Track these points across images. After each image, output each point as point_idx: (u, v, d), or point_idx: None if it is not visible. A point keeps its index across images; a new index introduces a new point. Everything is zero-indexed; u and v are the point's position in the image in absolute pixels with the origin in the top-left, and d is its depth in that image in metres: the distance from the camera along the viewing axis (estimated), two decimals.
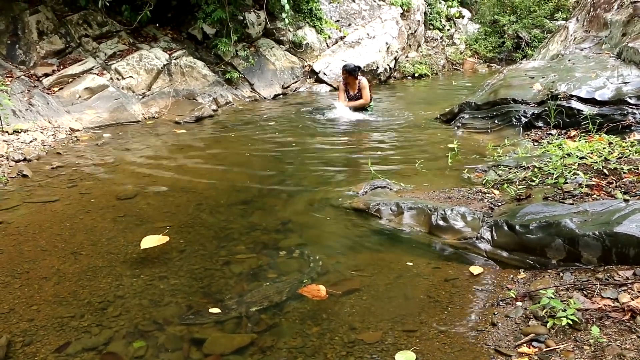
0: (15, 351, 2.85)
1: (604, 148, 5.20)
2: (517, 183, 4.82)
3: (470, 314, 3.14)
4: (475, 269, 3.67)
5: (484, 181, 5.15)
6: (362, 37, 14.00)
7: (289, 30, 12.83)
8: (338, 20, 14.35)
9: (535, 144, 6.43)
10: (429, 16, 17.93)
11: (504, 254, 3.81)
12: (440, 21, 18.32)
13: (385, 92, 12.89)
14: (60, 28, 9.56)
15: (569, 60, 8.17)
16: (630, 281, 3.09)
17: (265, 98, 11.59)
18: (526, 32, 17.20)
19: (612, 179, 4.37)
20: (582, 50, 8.84)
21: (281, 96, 11.92)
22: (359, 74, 9.28)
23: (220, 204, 5.10)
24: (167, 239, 4.05)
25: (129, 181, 5.80)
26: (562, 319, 2.81)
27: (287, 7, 10.57)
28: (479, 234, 3.99)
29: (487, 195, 4.74)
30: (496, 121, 7.43)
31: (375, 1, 15.33)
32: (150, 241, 4.02)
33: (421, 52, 16.65)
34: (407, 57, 15.78)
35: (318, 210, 4.88)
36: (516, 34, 17.41)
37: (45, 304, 3.33)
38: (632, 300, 2.90)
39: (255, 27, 12.14)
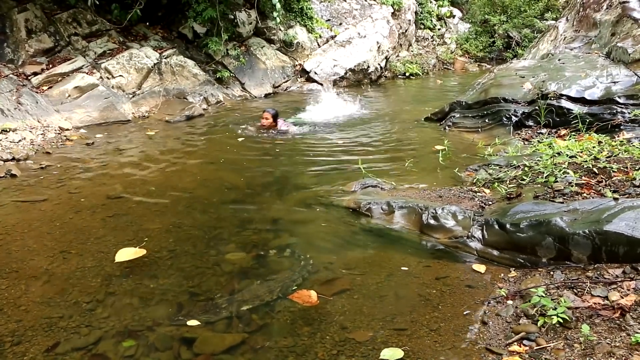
0: (4, 351, 2.82)
1: (593, 147, 5.23)
2: (508, 182, 4.84)
3: (461, 313, 3.15)
4: (481, 267, 3.69)
5: (475, 180, 5.16)
6: (353, 37, 13.99)
7: (280, 30, 12.80)
8: (329, 20, 14.34)
9: (526, 142, 6.46)
10: (420, 15, 17.96)
11: (495, 252, 3.82)
12: (431, 20, 18.35)
13: (376, 92, 12.90)
14: (50, 26, 9.48)
15: (559, 60, 8.21)
16: (619, 279, 3.11)
17: (256, 97, 11.56)
18: (516, 32, 17.27)
19: (602, 178, 4.39)
20: (572, 49, 8.88)
21: (272, 95, 11.89)
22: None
23: (210, 202, 5.08)
24: (143, 252, 3.88)
25: (119, 180, 5.76)
26: (552, 317, 2.82)
27: (278, 6, 10.55)
28: (469, 233, 3.99)
29: (477, 194, 4.75)
30: (487, 120, 7.45)
31: (366, 0, 15.33)
32: (125, 254, 3.81)
33: (412, 51, 16.67)
34: (398, 56, 15.80)
35: (309, 209, 4.88)
36: (507, 33, 17.47)
37: (34, 304, 3.30)
38: (622, 298, 2.91)
39: (246, 26, 12.11)
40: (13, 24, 8.96)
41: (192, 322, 3.09)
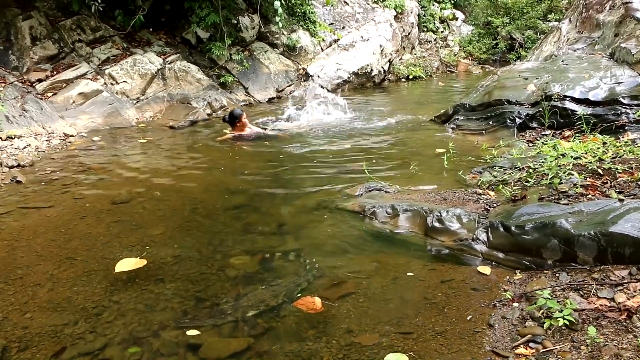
0: (10, 358, 2.83)
1: (598, 148, 5.22)
2: (512, 184, 4.83)
3: (466, 316, 3.14)
4: (486, 270, 3.68)
5: (479, 182, 5.16)
6: (356, 40, 14.00)
7: (283, 34, 12.82)
8: (332, 23, 14.36)
9: (530, 144, 6.45)
10: (423, 18, 17.97)
11: (500, 255, 3.81)
12: (434, 23, 18.35)
13: (380, 95, 12.91)
14: (54, 33, 9.53)
15: (562, 61, 8.19)
16: (626, 281, 3.10)
17: (259, 102, 11.58)
18: (519, 34, 17.25)
19: (607, 179, 4.38)
20: (575, 51, 8.87)
21: (275, 100, 11.91)
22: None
23: (215, 207, 5.08)
24: (144, 262, 3.82)
25: (124, 186, 5.78)
26: (558, 319, 2.81)
27: (280, 10, 10.57)
28: (474, 236, 3.99)
29: (482, 196, 4.74)
30: (491, 122, 7.44)
31: (368, 4, 15.35)
32: (125, 265, 3.75)
33: (415, 54, 16.68)
34: (401, 59, 15.80)
35: (313, 213, 4.87)
36: (509, 35, 17.46)
37: (40, 310, 3.31)
38: (629, 299, 2.90)
39: (249, 31, 12.14)
40: (17, 31, 9.01)
41: (192, 332, 3.05)
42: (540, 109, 6.95)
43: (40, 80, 8.91)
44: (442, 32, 18.54)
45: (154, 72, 10.01)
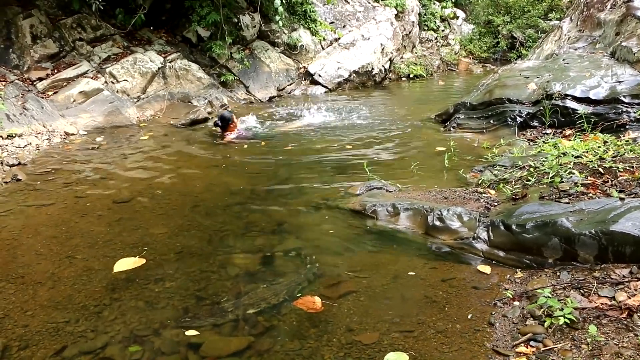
0: (10, 356, 2.83)
1: (599, 147, 5.21)
2: (513, 183, 4.82)
3: (467, 314, 3.14)
4: (487, 268, 3.68)
5: (480, 181, 5.15)
6: (357, 39, 14.00)
7: (284, 33, 12.82)
8: (332, 22, 14.35)
9: (531, 143, 6.44)
10: (424, 17, 17.96)
11: (501, 253, 3.81)
12: (435, 22, 18.35)
13: (381, 93, 12.90)
14: (54, 32, 9.53)
15: (563, 60, 8.18)
16: (626, 279, 3.09)
17: (260, 100, 11.58)
18: (520, 32, 17.24)
19: (608, 178, 4.37)
20: (576, 49, 8.86)
21: (276, 98, 11.91)
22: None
23: (216, 206, 5.08)
24: (143, 261, 3.84)
25: (125, 184, 5.78)
26: (559, 318, 2.81)
27: (280, 9, 10.56)
28: (475, 234, 3.98)
29: (483, 195, 4.73)
30: (491, 121, 7.43)
31: (369, 2, 15.34)
32: (124, 264, 3.77)
33: (416, 53, 16.67)
34: (402, 58, 15.79)
35: (314, 212, 4.87)
36: (510, 34, 17.45)
37: (41, 308, 3.31)
38: (629, 298, 2.90)
39: (249, 30, 12.13)
40: (18, 29, 9.00)
41: (191, 332, 3.04)
42: (541, 108, 6.95)
43: (40, 79, 8.91)
44: (443, 30, 18.54)
45: (155, 71, 10.00)
